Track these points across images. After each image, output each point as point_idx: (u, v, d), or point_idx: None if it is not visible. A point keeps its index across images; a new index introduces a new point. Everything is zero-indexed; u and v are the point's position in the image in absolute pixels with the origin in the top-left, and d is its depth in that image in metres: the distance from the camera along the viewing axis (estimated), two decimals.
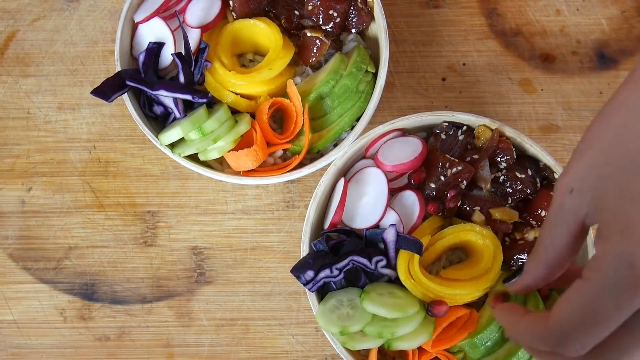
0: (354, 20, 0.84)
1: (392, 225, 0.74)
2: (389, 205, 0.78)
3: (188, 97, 0.79)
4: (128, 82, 0.80)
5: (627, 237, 0.40)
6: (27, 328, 0.89)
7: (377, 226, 0.78)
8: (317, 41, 0.83)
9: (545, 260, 0.49)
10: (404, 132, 0.83)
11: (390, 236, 0.74)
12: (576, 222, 0.46)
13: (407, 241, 0.74)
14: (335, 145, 0.84)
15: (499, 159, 0.79)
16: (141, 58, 0.83)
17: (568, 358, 0.45)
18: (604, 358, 0.44)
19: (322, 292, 0.78)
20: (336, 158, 0.79)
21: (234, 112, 0.84)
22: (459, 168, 0.77)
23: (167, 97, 0.81)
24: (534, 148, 0.79)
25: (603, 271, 0.41)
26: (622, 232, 0.41)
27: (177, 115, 0.81)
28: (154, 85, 0.80)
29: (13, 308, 0.90)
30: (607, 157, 0.44)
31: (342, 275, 0.75)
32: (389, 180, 0.79)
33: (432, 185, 0.78)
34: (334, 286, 0.77)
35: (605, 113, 0.46)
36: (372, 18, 0.86)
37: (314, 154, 0.85)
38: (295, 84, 0.83)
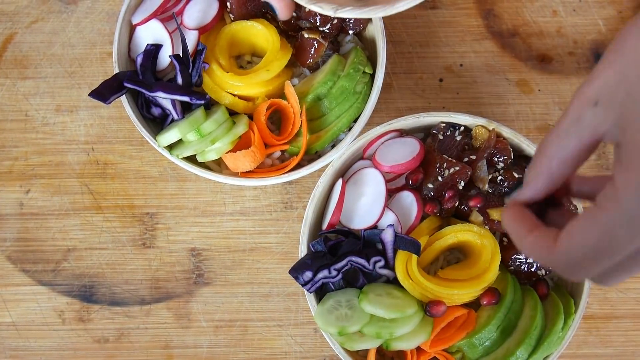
0: (351, 21, 0.85)
1: (390, 225, 0.74)
2: (387, 205, 0.78)
3: (186, 98, 0.79)
4: (126, 84, 0.80)
5: None
6: (26, 330, 0.89)
7: (375, 227, 0.78)
8: (315, 42, 0.83)
9: (549, 171, 0.45)
10: (402, 133, 0.83)
11: (388, 236, 0.74)
12: (593, 137, 0.41)
13: (405, 241, 0.74)
14: (333, 146, 0.84)
15: (496, 159, 0.79)
16: (139, 60, 0.83)
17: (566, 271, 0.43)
18: (605, 279, 0.42)
19: (321, 293, 0.78)
20: (334, 159, 0.80)
21: (232, 113, 0.84)
22: (457, 168, 0.77)
23: (164, 99, 0.81)
24: (531, 148, 0.79)
25: (622, 202, 0.38)
26: None
27: (175, 117, 0.81)
28: (152, 87, 0.80)
29: (12, 310, 0.90)
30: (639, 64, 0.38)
31: (340, 276, 0.76)
32: (387, 181, 0.79)
33: (430, 186, 0.78)
34: (332, 287, 0.77)
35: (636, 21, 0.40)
36: (369, 19, 0.86)
37: (311, 155, 0.85)
38: (293, 85, 0.84)
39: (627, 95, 0.39)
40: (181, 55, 0.82)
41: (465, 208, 0.78)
